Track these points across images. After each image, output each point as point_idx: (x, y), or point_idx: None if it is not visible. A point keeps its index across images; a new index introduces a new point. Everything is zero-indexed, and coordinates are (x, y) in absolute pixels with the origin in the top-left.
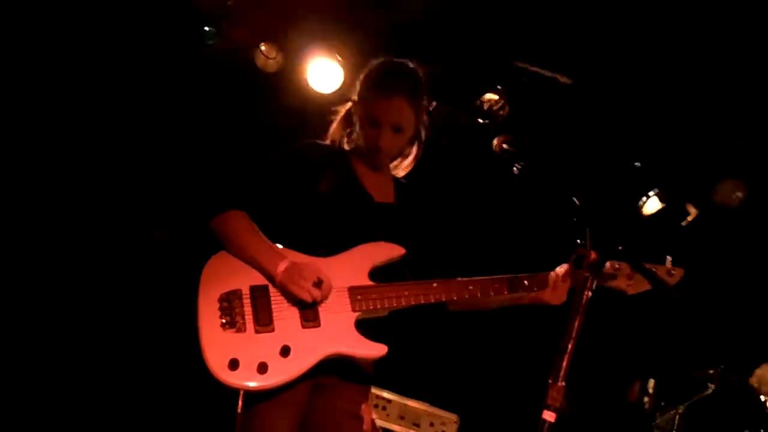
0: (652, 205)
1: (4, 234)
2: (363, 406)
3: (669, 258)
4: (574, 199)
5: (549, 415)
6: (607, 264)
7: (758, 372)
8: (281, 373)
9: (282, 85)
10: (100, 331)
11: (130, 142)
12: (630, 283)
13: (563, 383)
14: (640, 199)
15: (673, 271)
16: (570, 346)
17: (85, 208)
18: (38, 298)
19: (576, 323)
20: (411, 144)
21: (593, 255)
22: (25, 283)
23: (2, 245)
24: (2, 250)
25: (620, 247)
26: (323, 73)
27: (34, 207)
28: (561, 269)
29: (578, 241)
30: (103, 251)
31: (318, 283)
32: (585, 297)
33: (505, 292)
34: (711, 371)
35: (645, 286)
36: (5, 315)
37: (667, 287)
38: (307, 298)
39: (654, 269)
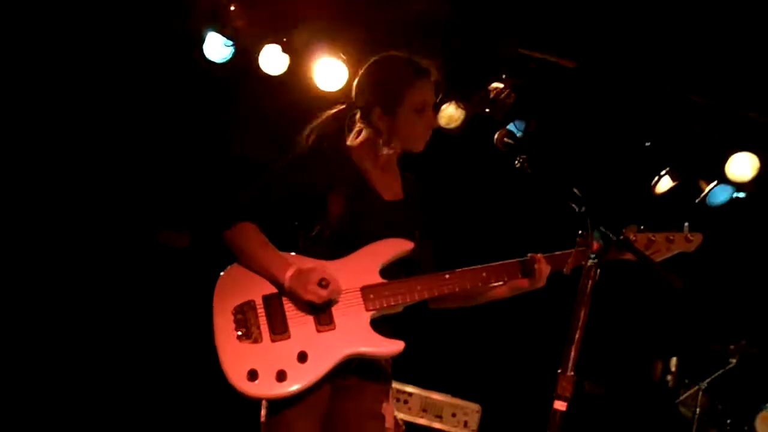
0: (664, 183)
1: (24, 243)
2: (384, 405)
3: (686, 224)
4: (575, 190)
5: (560, 405)
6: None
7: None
8: (300, 379)
9: (288, 86)
10: (120, 339)
11: (141, 148)
12: (648, 254)
13: (572, 373)
14: (652, 178)
15: (691, 237)
16: (577, 335)
17: (101, 218)
18: (54, 307)
19: (582, 313)
20: None
21: (596, 245)
22: (42, 291)
23: (21, 255)
24: (21, 259)
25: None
26: (329, 72)
27: (48, 216)
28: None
29: (580, 231)
30: (119, 259)
31: (324, 284)
32: (590, 286)
33: (519, 275)
34: (731, 346)
35: (663, 254)
36: (24, 323)
37: (666, 274)
38: (314, 299)
39: (672, 237)
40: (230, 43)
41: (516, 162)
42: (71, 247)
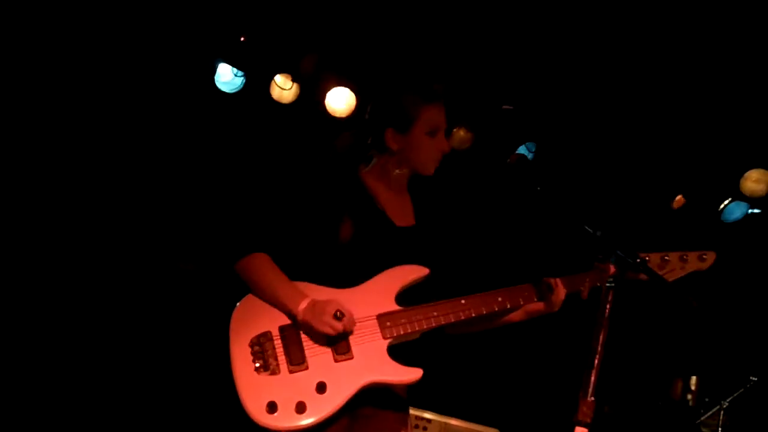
0: (680, 200)
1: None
2: None
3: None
4: (590, 218)
5: (581, 431)
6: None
7: None
8: (320, 410)
9: (299, 114)
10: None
11: (150, 179)
12: (662, 273)
13: (593, 398)
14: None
15: (705, 256)
16: (597, 360)
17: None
18: (65, 330)
19: (601, 337)
20: None
21: (612, 269)
22: (52, 313)
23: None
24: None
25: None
26: (339, 98)
27: (59, 237)
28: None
29: (599, 256)
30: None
31: (339, 316)
32: (608, 310)
33: (535, 299)
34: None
35: (677, 274)
36: (32, 337)
37: (683, 295)
38: (330, 332)
39: (686, 256)
40: (241, 73)
41: (530, 185)
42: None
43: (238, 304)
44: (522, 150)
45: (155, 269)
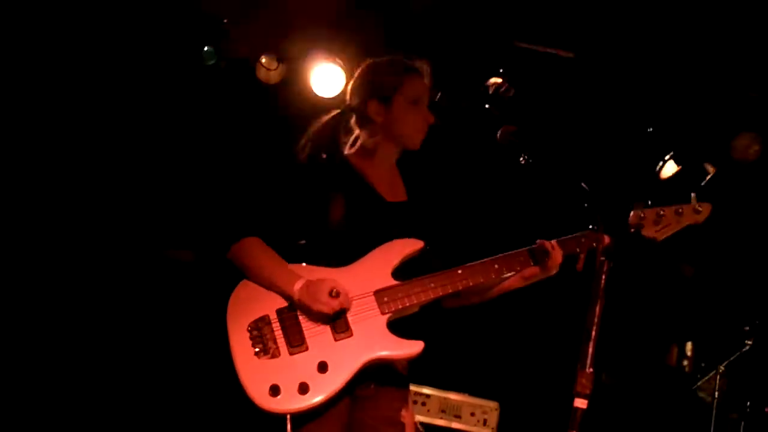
0: (669, 168)
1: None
2: (403, 412)
3: (694, 195)
4: (583, 185)
5: (581, 402)
6: (632, 214)
7: None
8: (323, 389)
9: (285, 95)
10: (124, 351)
11: (142, 165)
12: (658, 229)
13: (591, 369)
14: (656, 163)
15: (699, 208)
16: (594, 332)
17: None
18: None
19: (597, 309)
20: None
21: (606, 239)
22: (48, 304)
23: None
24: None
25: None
26: (326, 78)
27: (52, 228)
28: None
29: (590, 226)
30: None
31: (334, 294)
32: (603, 281)
33: (531, 263)
34: (747, 327)
35: (673, 228)
36: (29, 333)
37: (678, 264)
38: (327, 310)
39: (681, 210)
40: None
41: (521, 158)
42: (75, 258)
43: (233, 291)
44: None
45: (148, 259)
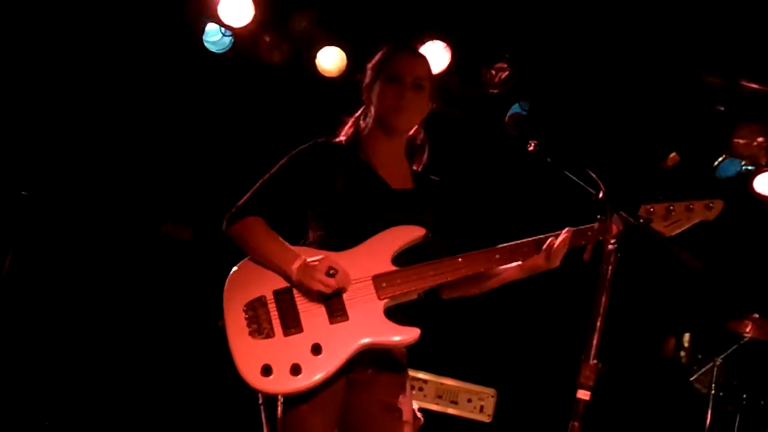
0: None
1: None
2: (400, 398)
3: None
4: (591, 173)
5: (583, 394)
6: (641, 208)
7: None
8: (315, 371)
9: (289, 74)
10: (123, 333)
11: (143, 142)
12: (667, 224)
13: (595, 361)
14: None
15: (711, 204)
16: (599, 323)
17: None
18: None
19: (603, 299)
20: (431, 101)
21: (615, 229)
22: (46, 287)
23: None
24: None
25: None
26: (329, 56)
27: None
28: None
29: (599, 216)
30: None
31: (332, 273)
32: (610, 272)
33: (534, 255)
34: (744, 320)
35: (683, 225)
36: (28, 321)
37: (687, 258)
38: (324, 289)
39: (692, 205)
40: (229, 33)
41: (528, 146)
42: (73, 240)
43: (231, 271)
44: (515, 109)
45: (147, 237)
